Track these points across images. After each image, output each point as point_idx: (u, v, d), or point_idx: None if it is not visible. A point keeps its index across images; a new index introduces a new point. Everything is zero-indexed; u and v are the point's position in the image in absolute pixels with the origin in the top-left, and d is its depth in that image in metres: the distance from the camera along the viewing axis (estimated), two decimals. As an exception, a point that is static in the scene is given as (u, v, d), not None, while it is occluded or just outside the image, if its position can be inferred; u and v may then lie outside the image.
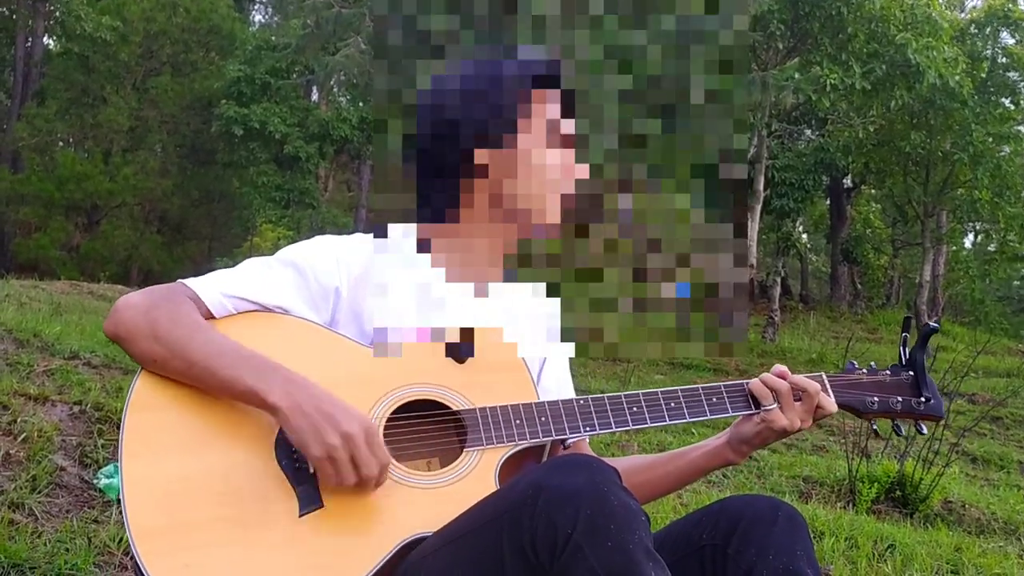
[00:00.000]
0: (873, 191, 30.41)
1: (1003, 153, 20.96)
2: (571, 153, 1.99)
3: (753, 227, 19.56)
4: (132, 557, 1.77)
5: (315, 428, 1.77)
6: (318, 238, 2.09)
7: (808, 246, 34.63)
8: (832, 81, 16.45)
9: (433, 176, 2.00)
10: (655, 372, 13.64)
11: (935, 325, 2.16)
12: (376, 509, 1.82)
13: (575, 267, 2.03)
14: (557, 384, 2.19)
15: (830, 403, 2.04)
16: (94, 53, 29.54)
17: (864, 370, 2.14)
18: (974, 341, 13.66)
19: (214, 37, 31.97)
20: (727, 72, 1.98)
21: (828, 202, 30.49)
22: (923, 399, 2.11)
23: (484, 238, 2.05)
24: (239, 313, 1.96)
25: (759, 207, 20.03)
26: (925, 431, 2.16)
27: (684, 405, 2.01)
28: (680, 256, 2.00)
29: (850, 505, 5.82)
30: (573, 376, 2.30)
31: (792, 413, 2.01)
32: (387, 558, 1.78)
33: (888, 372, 2.14)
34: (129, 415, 1.86)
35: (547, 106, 1.98)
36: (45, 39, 32.82)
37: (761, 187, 19.99)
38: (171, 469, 1.81)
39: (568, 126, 1.99)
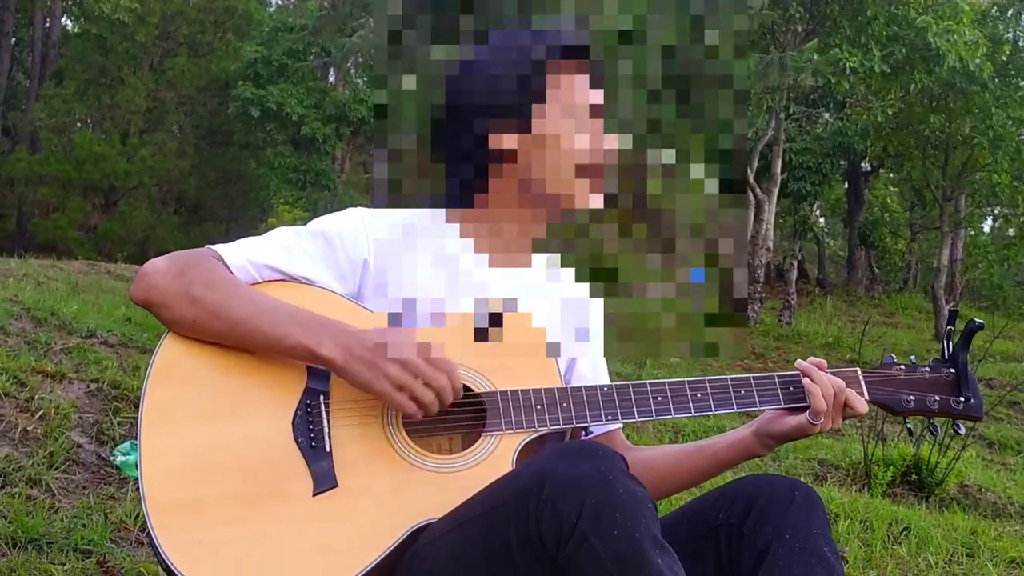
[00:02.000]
0: (891, 175, 30.19)
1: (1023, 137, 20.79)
2: (599, 124, 1.96)
3: (770, 210, 19.46)
4: (148, 532, 1.77)
5: (371, 366, 1.79)
6: (349, 209, 2.07)
7: (825, 230, 34.44)
8: (851, 64, 16.32)
9: (458, 161, 1.98)
10: (672, 356, 13.62)
11: (980, 322, 2.07)
12: (390, 491, 1.82)
13: (591, 251, 2.03)
14: (592, 370, 2.16)
15: (860, 404, 1.99)
16: (111, 34, 29.56)
17: (902, 366, 2.07)
18: (992, 326, 13.57)
19: (230, 18, 31.94)
20: (737, 56, 1.97)
21: (846, 186, 30.33)
22: (962, 399, 2.04)
23: (515, 221, 2.03)
24: (264, 281, 1.95)
25: (776, 190, 19.90)
26: (963, 431, 2.09)
27: (711, 397, 1.98)
28: (695, 241, 1.98)
29: (865, 488, 5.80)
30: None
31: (827, 416, 1.96)
32: (398, 543, 1.78)
33: (927, 368, 2.07)
34: (149, 386, 1.86)
35: (575, 77, 1.95)
36: (63, 20, 32.87)
37: (778, 170, 19.87)
38: (189, 443, 1.82)
39: (595, 96, 1.96)
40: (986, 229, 32.27)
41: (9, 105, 32.04)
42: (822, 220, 34.05)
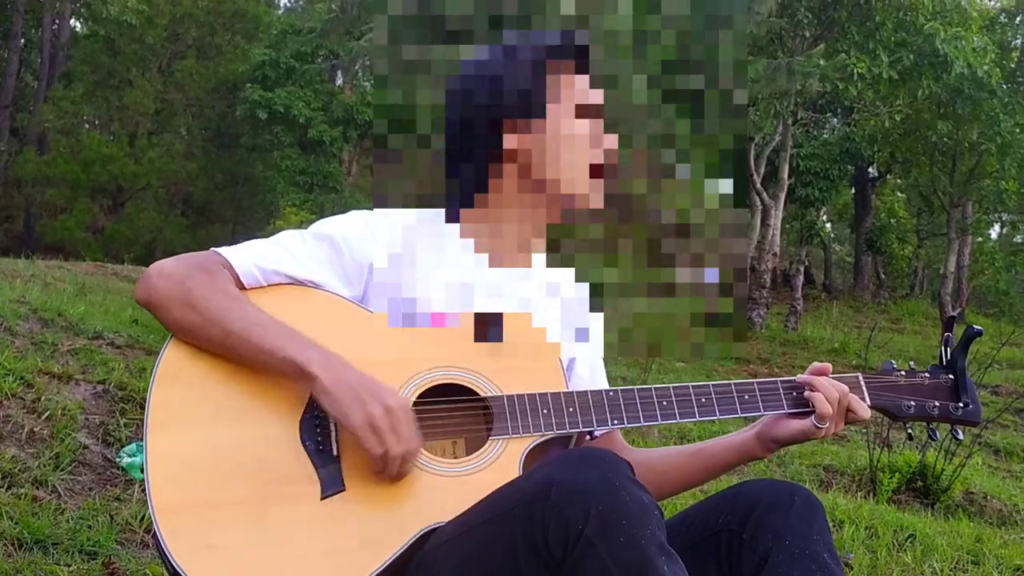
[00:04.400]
0: (898, 181, 30.19)
1: (1031, 143, 20.77)
2: (599, 124, 1.98)
3: (777, 215, 19.44)
4: (153, 534, 1.77)
5: (357, 397, 1.78)
6: (353, 212, 2.07)
7: (832, 235, 34.45)
8: (859, 70, 16.32)
9: (461, 161, 1.99)
10: (675, 359, 13.62)
11: (979, 328, 2.08)
12: (398, 495, 1.82)
13: (597, 252, 2.03)
14: (590, 373, 2.16)
15: (863, 408, 2.00)
16: (120, 36, 29.64)
17: (902, 371, 2.08)
18: (998, 333, 13.51)
19: (239, 20, 32.04)
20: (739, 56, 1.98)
21: (853, 191, 30.30)
22: (961, 404, 2.06)
23: (516, 221, 2.04)
24: (270, 285, 1.95)
25: (783, 196, 19.90)
26: (961, 436, 2.12)
27: (715, 402, 1.98)
28: (703, 241, 1.99)
29: (871, 495, 5.80)
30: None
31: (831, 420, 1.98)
32: (406, 546, 1.78)
33: (927, 374, 2.08)
34: (156, 388, 1.86)
35: (574, 77, 1.97)
36: (72, 21, 32.98)
37: (785, 175, 19.86)
38: (196, 445, 1.82)
39: (595, 96, 1.98)
40: (993, 236, 32.24)
41: (17, 106, 32.13)
42: (829, 226, 34.04)
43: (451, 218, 2.07)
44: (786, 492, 1.86)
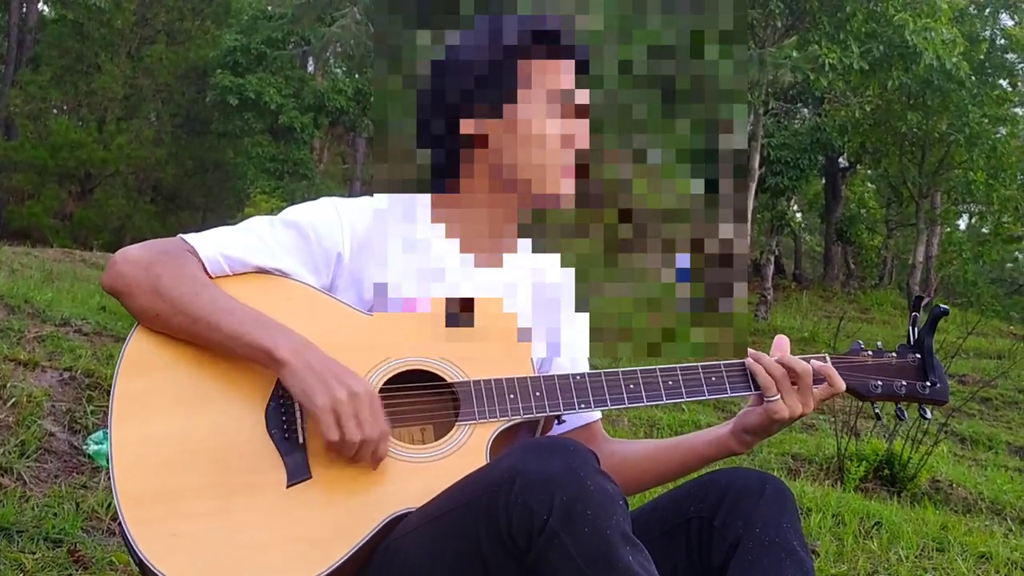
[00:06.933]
0: (868, 171, 30.40)
1: (999, 135, 20.93)
2: (574, 123, 1.96)
3: (747, 205, 19.51)
4: (119, 523, 1.76)
5: (322, 381, 1.77)
6: (324, 199, 2.05)
7: (802, 225, 34.61)
8: (830, 61, 16.38)
9: (432, 146, 1.98)
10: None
11: (945, 308, 2.07)
12: (364, 482, 1.82)
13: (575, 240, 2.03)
14: (571, 363, 2.15)
15: (836, 380, 1.97)
16: (89, 20, 29.34)
17: (869, 352, 2.08)
18: (965, 322, 13.64)
19: (209, 5, 31.78)
20: (726, 43, 1.98)
21: (823, 181, 30.46)
22: (928, 383, 2.05)
23: (487, 208, 2.03)
24: (235, 275, 1.93)
25: (754, 185, 19.96)
26: (929, 416, 2.11)
27: (682, 384, 1.98)
28: (679, 228, 1.99)
29: (838, 483, 5.83)
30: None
31: (792, 399, 1.95)
32: (373, 533, 1.77)
33: (894, 354, 2.08)
34: (120, 377, 1.84)
35: (547, 63, 1.95)
36: (40, 5, 32.59)
37: (756, 165, 19.92)
38: (161, 433, 1.81)
39: (568, 82, 1.96)
40: (962, 226, 32.52)
41: (-16, 91, 31.77)
42: (799, 215, 34.22)
43: (426, 205, 2.05)
44: (757, 480, 1.86)
